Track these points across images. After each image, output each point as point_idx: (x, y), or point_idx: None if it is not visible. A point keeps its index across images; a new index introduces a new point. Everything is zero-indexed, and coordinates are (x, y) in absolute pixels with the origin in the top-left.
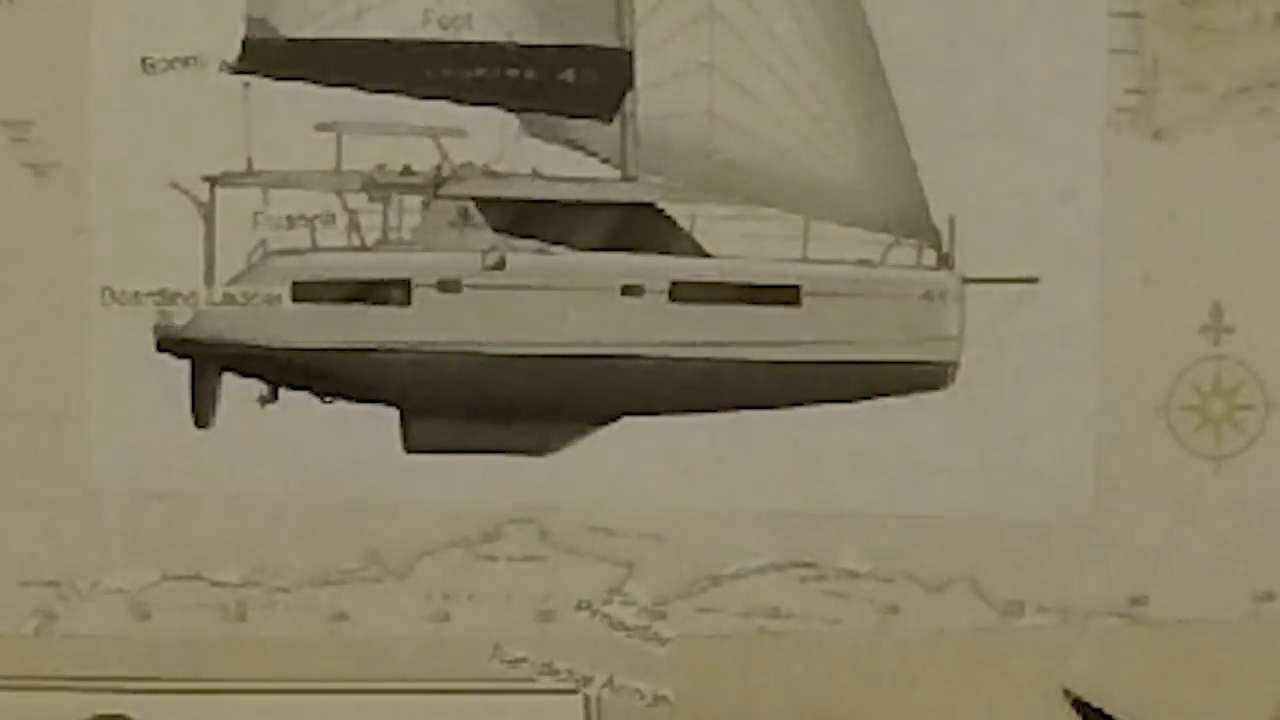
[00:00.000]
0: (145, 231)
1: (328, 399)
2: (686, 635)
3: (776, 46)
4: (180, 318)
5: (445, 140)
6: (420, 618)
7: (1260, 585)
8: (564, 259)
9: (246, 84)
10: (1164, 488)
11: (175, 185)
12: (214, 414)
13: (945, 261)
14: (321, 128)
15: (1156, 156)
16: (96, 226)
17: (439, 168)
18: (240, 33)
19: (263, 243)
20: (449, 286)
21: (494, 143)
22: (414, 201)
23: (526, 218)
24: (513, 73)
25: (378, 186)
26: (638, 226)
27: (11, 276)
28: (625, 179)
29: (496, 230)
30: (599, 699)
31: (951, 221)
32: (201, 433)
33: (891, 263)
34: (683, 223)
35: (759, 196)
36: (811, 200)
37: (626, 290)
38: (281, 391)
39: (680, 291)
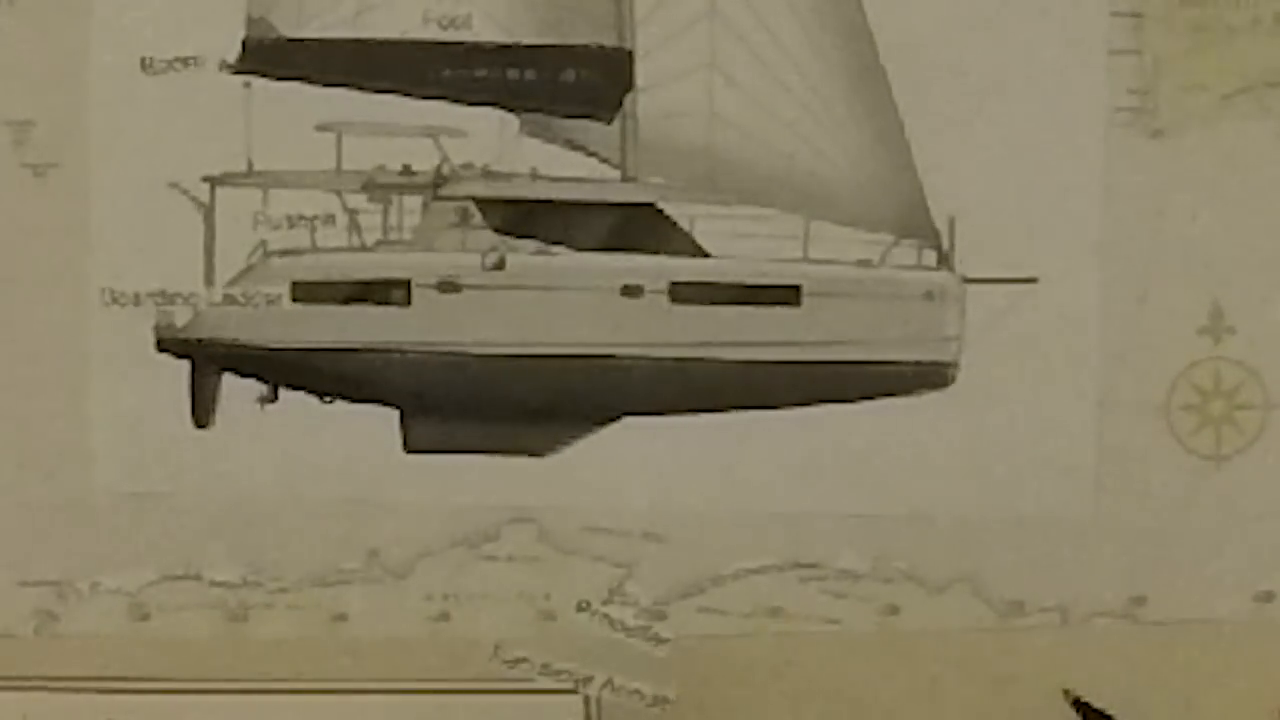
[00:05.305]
0: (145, 231)
1: (328, 399)
2: (686, 635)
3: (776, 46)
4: (180, 318)
5: (445, 140)
6: (420, 618)
7: (1260, 585)
8: (564, 259)
9: (246, 84)
10: (1164, 488)
11: (175, 185)
12: (214, 414)
13: (945, 261)
14: (321, 128)
15: (1156, 156)
16: (96, 226)
17: (439, 168)
18: (240, 33)
19: (263, 243)
20: (449, 287)
21: (494, 143)
22: (414, 201)
23: (526, 218)
24: (513, 73)
25: (378, 186)
26: (638, 226)
27: (11, 276)
28: (625, 179)
29: (496, 230)
30: (599, 699)
31: (951, 221)
32: (201, 433)
33: (891, 263)
34: (683, 223)
35: (759, 196)
36: (811, 200)
37: (626, 290)
38: (281, 391)
39: (680, 291)
